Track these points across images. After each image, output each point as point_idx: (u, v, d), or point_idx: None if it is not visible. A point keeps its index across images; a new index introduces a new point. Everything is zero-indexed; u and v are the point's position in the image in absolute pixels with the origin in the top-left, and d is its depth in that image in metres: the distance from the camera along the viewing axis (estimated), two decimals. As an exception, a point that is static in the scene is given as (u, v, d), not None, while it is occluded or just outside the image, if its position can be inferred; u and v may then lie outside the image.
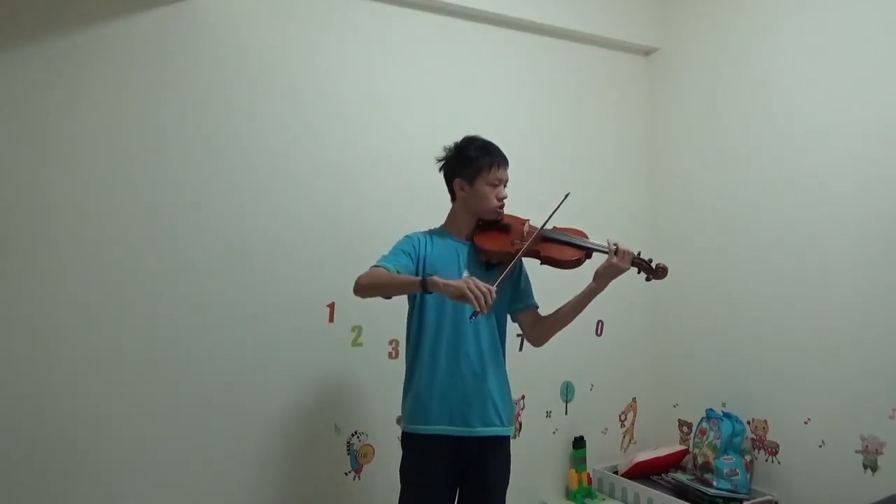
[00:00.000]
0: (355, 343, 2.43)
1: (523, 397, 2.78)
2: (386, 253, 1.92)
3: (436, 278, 1.73)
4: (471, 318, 1.76)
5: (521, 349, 2.62)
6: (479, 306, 1.64)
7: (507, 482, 1.98)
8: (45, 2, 2.04)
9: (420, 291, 1.80)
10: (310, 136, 2.40)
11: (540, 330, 2.05)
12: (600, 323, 2.98)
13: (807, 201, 2.47)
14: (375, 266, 1.85)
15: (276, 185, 2.34)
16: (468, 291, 1.65)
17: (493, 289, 1.68)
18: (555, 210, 1.91)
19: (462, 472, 1.92)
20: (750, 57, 2.71)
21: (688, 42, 3.00)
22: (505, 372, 2.01)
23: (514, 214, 2.03)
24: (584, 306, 1.97)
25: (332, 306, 2.39)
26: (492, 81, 2.77)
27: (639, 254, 1.94)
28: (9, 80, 1.98)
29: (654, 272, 1.95)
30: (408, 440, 1.95)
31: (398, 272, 1.83)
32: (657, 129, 3.15)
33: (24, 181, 1.99)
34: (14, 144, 1.98)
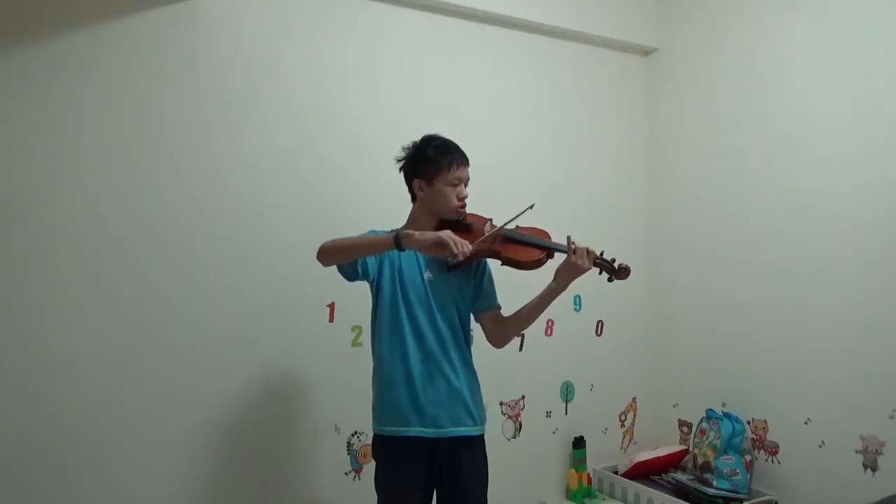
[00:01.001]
0: (355, 343, 2.43)
1: (523, 397, 2.78)
2: None
3: (410, 232, 1.73)
4: (449, 269, 1.77)
5: (521, 349, 2.62)
6: (457, 251, 1.66)
7: (486, 482, 1.94)
8: (45, 2, 2.04)
9: (393, 249, 1.77)
10: (310, 136, 2.40)
11: (501, 331, 2.01)
12: (600, 323, 2.98)
13: (806, 201, 2.47)
14: None
15: (275, 184, 2.34)
16: (447, 238, 1.68)
17: (468, 244, 1.71)
18: (517, 215, 1.88)
19: (437, 474, 1.89)
20: (749, 57, 2.71)
21: (687, 42, 3.00)
22: (474, 371, 1.97)
23: (477, 213, 2.00)
24: (546, 306, 1.93)
25: (332, 306, 2.39)
26: (492, 81, 2.77)
27: (601, 254, 1.90)
28: (9, 80, 1.98)
29: (617, 272, 1.91)
30: (377, 443, 1.92)
31: (363, 265, 1.84)
32: (657, 129, 3.16)
33: (25, 181, 1.99)
34: (14, 144, 1.98)
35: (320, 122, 2.42)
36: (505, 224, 1.91)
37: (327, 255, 1.82)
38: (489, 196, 2.09)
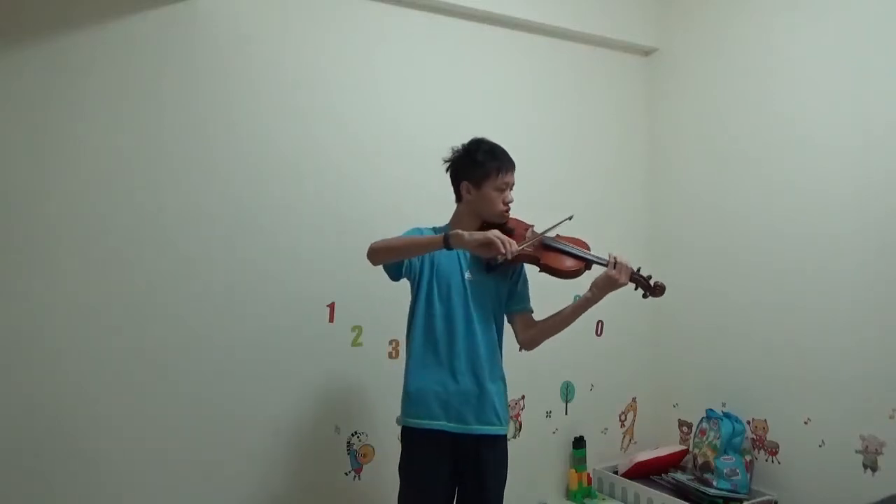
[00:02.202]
0: (355, 343, 2.43)
1: (523, 397, 2.78)
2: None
3: (460, 232, 1.79)
4: (489, 269, 1.85)
5: (521, 349, 2.62)
6: (504, 249, 1.73)
7: (504, 481, 1.97)
8: (45, 2, 2.04)
9: (443, 248, 1.82)
10: (310, 136, 2.40)
11: (532, 334, 2.05)
12: (600, 323, 2.98)
13: (807, 201, 2.47)
14: None
15: (276, 184, 2.34)
16: (495, 237, 1.75)
17: (515, 243, 1.77)
18: (557, 224, 1.94)
19: (459, 470, 1.92)
20: (749, 57, 2.71)
21: (687, 42, 3.00)
22: (502, 371, 2.01)
23: (519, 219, 2.03)
24: (579, 316, 1.98)
25: (332, 306, 2.39)
26: (492, 81, 2.77)
27: (638, 270, 1.95)
28: (9, 80, 1.98)
29: (652, 290, 1.96)
30: (407, 435, 1.95)
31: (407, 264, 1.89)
32: (657, 129, 3.15)
33: (24, 181, 1.99)
34: (14, 144, 1.98)
35: (320, 122, 2.42)
36: (546, 231, 1.95)
37: (378, 254, 1.87)
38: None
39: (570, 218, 1.94)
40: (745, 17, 2.73)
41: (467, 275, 1.94)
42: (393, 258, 1.89)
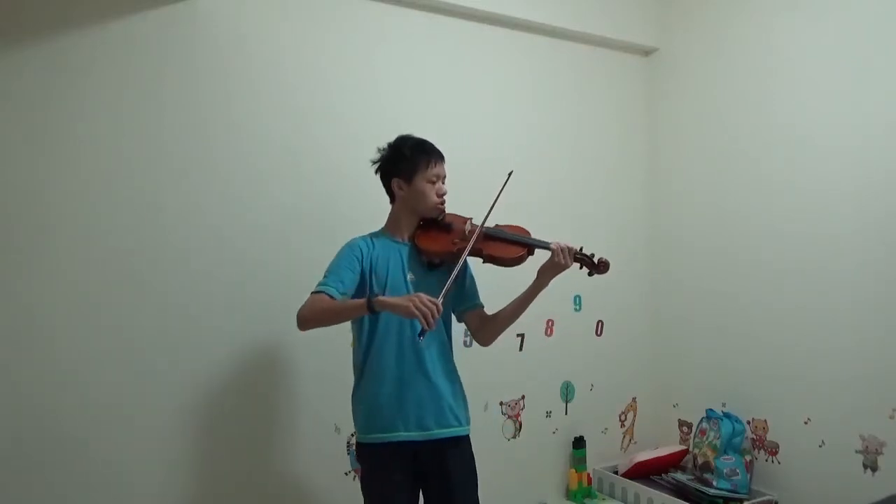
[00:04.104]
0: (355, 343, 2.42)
1: (523, 397, 2.78)
2: (327, 270, 1.88)
3: (381, 298, 1.74)
4: (419, 335, 1.73)
5: (521, 349, 2.62)
6: (427, 324, 1.64)
7: (475, 481, 1.94)
8: (45, 2, 2.03)
9: (367, 314, 1.78)
10: (310, 136, 2.40)
11: (487, 329, 2.03)
12: (600, 323, 2.98)
13: (807, 201, 2.47)
14: (316, 292, 1.82)
15: (276, 184, 2.34)
16: (415, 309, 1.64)
17: (439, 302, 1.67)
18: (494, 201, 1.90)
19: (422, 475, 1.89)
20: (749, 57, 2.71)
21: (687, 42, 3.00)
22: (455, 371, 1.98)
23: (456, 213, 2.02)
24: (529, 303, 1.96)
25: (332, 306, 2.39)
26: (491, 81, 2.77)
27: (581, 249, 1.93)
28: (9, 80, 1.98)
29: (596, 267, 1.94)
30: (363, 451, 1.91)
31: (343, 294, 1.81)
32: (657, 129, 3.16)
33: (25, 180, 1.99)
34: (14, 144, 1.98)
35: (320, 122, 2.42)
36: (484, 222, 1.92)
37: (308, 324, 1.82)
38: (489, 196, 2.08)
39: (510, 175, 1.90)
40: (745, 17, 2.73)
41: (410, 276, 1.92)
42: (322, 325, 1.84)
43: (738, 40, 2.76)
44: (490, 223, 1.94)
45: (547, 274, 1.91)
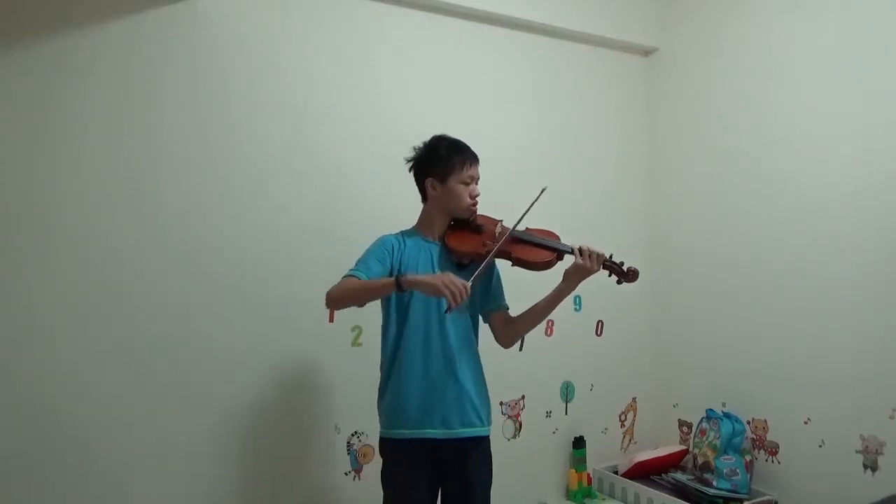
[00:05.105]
0: (355, 343, 2.43)
1: (523, 397, 2.78)
2: (358, 259, 1.90)
3: (409, 276, 1.76)
4: (445, 311, 1.75)
5: (521, 349, 2.62)
6: (454, 300, 1.66)
7: (490, 481, 1.96)
8: (45, 2, 2.04)
9: (395, 292, 1.80)
10: (310, 136, 2.40)
11: (510, 331, 2.03)
12: (600, 323, 2.98)
13: (807, 201, 2.47)
14: (346, 276, 1.84)
15: (276, 184, 2.34)
16: (443, 287, 1.66)
17: (468, 284, 1.70)
18: (528, 208, 1.90)
19: (442, 473, 1.91)
20: (749, 57, 2.71)
21: (687, 42, 3.00)
22: (481, 371, 1.99)
23: (488, 215, 2.03)
24: (554, 307, 1.96)
25: (332, 306, 2.39)
26: (491, 81, 2.77)
27: (611, 256, 1.93)
28: (9, 80, 1.98)
29: (625, 275, 1.94)
30: (386, 446, 1.93)
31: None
32: (657, 129, 3.16)
33: (24, 181, 1.99)
34: (14, 144, 1.98)
35: (320, 122, 2.42)
36: (515, 226, 1.93)
37: (336, 302, 1.85)
38: (489, 195, 2.09)
39: (543, 191, 1.90)
40: (745, 17, 2.73)
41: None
42: (352, 304, 1.86)
43: (738, 40, 2.76)
44: (521, 227, 1.95)
45: (573, 277, 1.91)
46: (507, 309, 2.06)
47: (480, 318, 2.06)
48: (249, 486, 2.26)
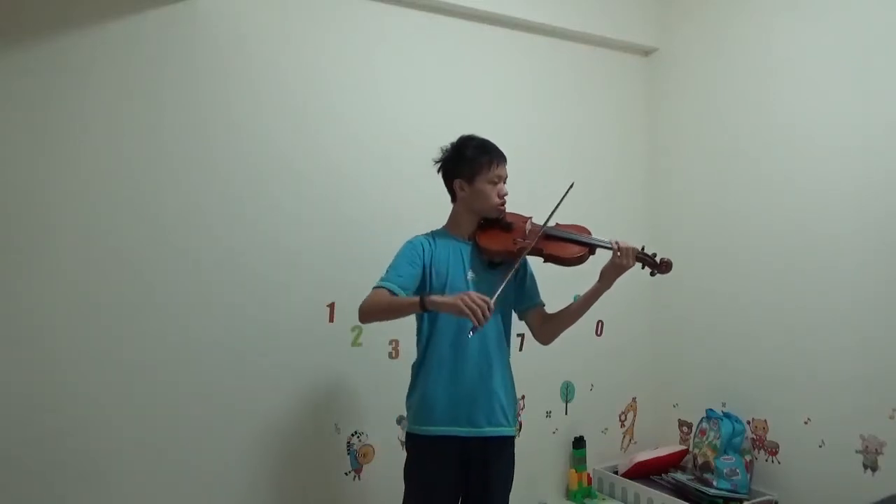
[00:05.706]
0: (355, 343, 2.43)
1: (523, 397, 2.77)
2: (389, 266, 1.90)
3: (433, 297, 1.76)
4: (470, 333, 1.71)
5: (521, 349, 2.62)
6: (478, 321, 1.65)
7: (511, 482, 1.98)
8: (45, 2, 2.04)
9: (420, 311, 1.81)
10: (310, 136, 2.40)
11: (547, 329, 2.05)
12: (600, 323, 2.98)
13: (807, 201, 2.47)
14: (377, 287, 1.85)
15: (276, 184, 2.34)
16: (465, 308, 1.65)
17: (491, 301, 1.68)
18: (558, 204, 1.90)
19: (466, 470, 1.92)
20: (749, 57, 2.71)
21: (687, 42, 3.00)
22: (510, 371, 2.01)
23: (517, 212, 2.03)
24: (591, 304, 1.97)
25: (332, 306, 2.39)
26: (491, 81, 2.77)
27: (643, 248, 1.94)
28: (9, 80, 1.98)
29: (659, 266, 1.95)
30: (413, 441, 1.95)
31: (403, 288, 1.84)
32: (657, 129, 3.16)
33: (25, 181, 1.99)
34: (14, 144, 1.98)
35: (320, 122, 2.42)
36: (546, 222, 1.93)
37: (367, 317, 1.86)
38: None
39: (571, 186, 1.91)
40: (745, 17, 2.73)
41: (470, 274, 1.94)
42: (379, 320, 1.89)
43: (738, 40, 2.76)
44: (551, 223, 1.95)
45: (609, 275, 1.91)
46: (543, 306, 2.07)
47: (516, 316, 2.06)
48: (248, 485, 2.26)
